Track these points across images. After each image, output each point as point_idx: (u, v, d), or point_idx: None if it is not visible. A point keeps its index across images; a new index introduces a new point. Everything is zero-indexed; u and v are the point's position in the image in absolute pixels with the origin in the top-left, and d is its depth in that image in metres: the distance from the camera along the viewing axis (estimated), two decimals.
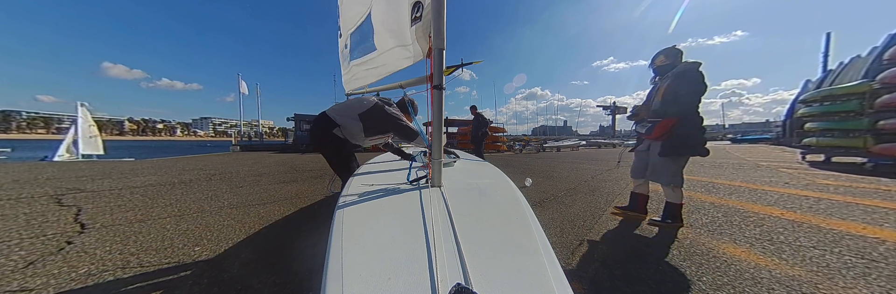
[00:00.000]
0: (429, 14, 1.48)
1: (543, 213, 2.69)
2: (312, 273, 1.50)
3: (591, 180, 4.64)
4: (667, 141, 2.14)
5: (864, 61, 7.29)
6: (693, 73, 2.03)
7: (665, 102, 2.11)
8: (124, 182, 4.34)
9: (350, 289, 0.60)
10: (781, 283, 1.40)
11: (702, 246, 1.87)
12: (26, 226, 2.28)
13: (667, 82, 2.14)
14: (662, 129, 2.12)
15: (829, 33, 17.22)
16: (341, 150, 2.13)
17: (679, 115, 2.07)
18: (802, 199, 3.13)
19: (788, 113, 17.54)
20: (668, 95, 2.09)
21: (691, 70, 2.05)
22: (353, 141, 2.11)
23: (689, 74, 2.04)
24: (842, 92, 6.31)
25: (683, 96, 2.03)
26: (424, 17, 1.52)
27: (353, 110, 2.02)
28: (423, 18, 1.53)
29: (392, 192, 1.18)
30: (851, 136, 6.00)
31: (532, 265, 0.70)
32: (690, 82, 2.01)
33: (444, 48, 1.29)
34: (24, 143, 51.05)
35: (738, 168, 5.99)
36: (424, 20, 1.53)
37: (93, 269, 1.56)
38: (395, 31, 1.81)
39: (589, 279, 1.47)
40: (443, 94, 1.31)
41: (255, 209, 2.87)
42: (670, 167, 2.16)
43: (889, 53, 5.63)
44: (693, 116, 2.07)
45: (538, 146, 16.72)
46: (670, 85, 2.10)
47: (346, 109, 2.05)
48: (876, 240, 1.94)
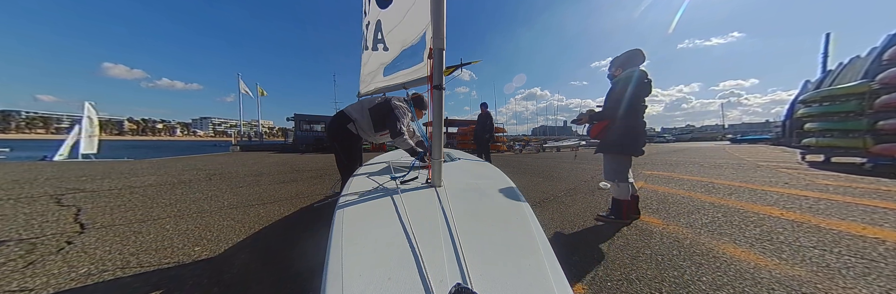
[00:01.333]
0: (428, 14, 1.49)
1: (543, 213, 2.69)
2: (312, 273, 1.49)
3: (591, 180, 4.64)
4: (602, 140, 2.36)
5: (863, 62, 7.30)
6: (626, 79, 2.19)
7: (604, 107, 2.33)
8: (124, 182, 4.34)
9: (350, 289, 0.60)
10: (781, 284, 1.40)
11: (702, 246, 1.87)
12: (26, 226, 2.27)
13: (610, 88, 2.34)
14: (596, 129, 2.36)
15: (828, 34, 17.22)
16: (351, 147, 2.25)
17: (611, 117, 2.27)
18: (802, 199, 3.13)
19: (788, 113, 17.53)
20: (607, 101, 2.32)
21: (627, 76, 2.20)
22: (365, 137, 2.25)
23: (623, 81, 2.20)
24: (841, 92, 6.31)
25: (613, 101, 2.23)
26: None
27: (365, 105, 2.18)
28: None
29: (392, 192, 1.18)
30: (851, 136, 5.99)
31: (532, 265, 0.70)
32: (623, 85, 2.18)
33: (444, 48, 1.29)
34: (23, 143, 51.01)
35: (737, 168, 5.99)
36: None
37: (93, 269, 1.56)
38: (396, 33, 1.89)
39: (589, 279, 1.47)
40: (443, 94, 1.31)
41: (255, 209, 2.86)
42: (610, 164, 2.33)
43: (888, 54, 5.63)
44: (628, 118, 2.22)
45: (538, 146, 16.71)
46: (610, 90, 2.32)
47: (360, 105, 2.21)
48: (876, 240, 1.94)
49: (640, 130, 2.25)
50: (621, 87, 2.18)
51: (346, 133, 2.18)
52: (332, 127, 2.22)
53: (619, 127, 2.24)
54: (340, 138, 2.21)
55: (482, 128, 6.39)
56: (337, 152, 2.26)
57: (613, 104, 2.22)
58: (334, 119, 2.22)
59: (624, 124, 2.23)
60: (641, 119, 2.26)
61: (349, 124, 2.16)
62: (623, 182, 2.27)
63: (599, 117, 2.34)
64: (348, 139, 2.21)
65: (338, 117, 2.20)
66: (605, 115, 2.30)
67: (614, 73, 2.38)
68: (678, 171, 5.77)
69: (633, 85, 2.14)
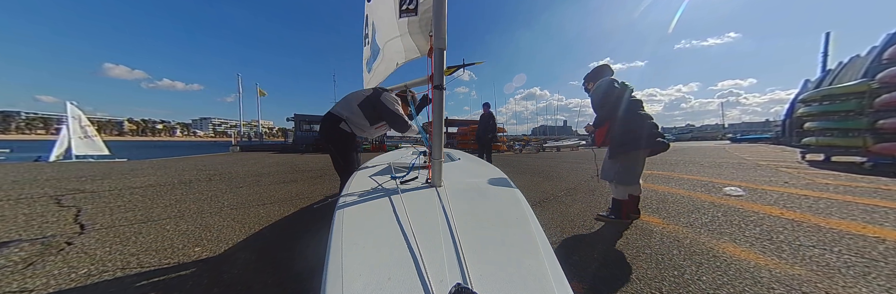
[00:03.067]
0: (427, 11, 1.48)
1: (543, 213, 2.69)
2: (312, 273, 1.50)
3: (591, 180, 4.64)
4: (610, 146, 2.39)
5: (863, 61, 7.30)
6: (598, 87, 2.32)
7: (596, 116, 2.40)
8: (124, 183, 4.33)
9: (350, 289, 0.60)
10: (781, 283, 1.40)
11: (702, 245, 1.87)
12: (26, 226, 2.27)
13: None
14: (599, 137, 2.41)
15: (828, 33, 17.25)
16: (347, 147, 2.18)
17: (603, 124, 2.34)
18: (802, 198, 3.13)
19: (788, 112, 17.54)
20: (595, 111, 2.40)
21: (599, 85, 2.32)
22: (360, 134, 2.18)
23: (596, 89, 2.33)
24: (841, 91, 6.31)
25: (598, 108, 2.32)
26: (421, 13, 1.51)
27: (352, 102, 2.10)
28: (421, 14, 1.52)
29: (392, 192, 1.18)
30: (851, 135, 6.00)
31: (532, 265, 0.70)
32: (598, 94, 2.30)
33: (445, 48, 1.28)
34: (24, 143, 50.99)
35: (737, 167, 5.99)
36: (422, 16, 1.52)
37: (93, 270, 1.56)
38: (386, 25, 1.82)
39: (589, 279, 1.47)
40: (443, 94, 1.31)
41: (255, 209, 2.86)
42: (613, 166, 2.36)
43: (888, 53, 5.63)
44: (621, 120, 2.26)
45: (538, 146, 16.72)
46: (591, 101, 2.42)
47: (346, 103, 2.13)
48: (875, 239, 1.94)
49: (638, 125, 2.25)
50: (598, 95, 2.30)
51: (340, 133, 2.10)
52: (325, 128, 2.14)
53: (616, 129, 2.26)
54: (335, 139, 2.14)
55: (484, 128, 6.40)
56: (333, 154, 2.19)
57: (600, 111, 2.33)
58: (325, 120, 2.15)
59: (620, 124, 2.25)
60: (638, 115, 2.26)
61: (341, 124, 2.08)
62: (631, 184, 2.29)
63: (597, 124, 2.39)
64: (343, 139, 2.14)
65: (328, 118, 2.12)
66: (601, 120, 2.36)
67: (588, 86, 2.55)
68: (678, 170, 5.77)
69: (605, 88, 2.26)
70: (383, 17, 1.82)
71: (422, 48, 1.78)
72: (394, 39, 1.82)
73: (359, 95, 2.12)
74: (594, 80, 2.48)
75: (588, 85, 2.56)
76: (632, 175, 2.28)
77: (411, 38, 1.73)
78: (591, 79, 2.53)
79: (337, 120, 2.08)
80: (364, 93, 2.14)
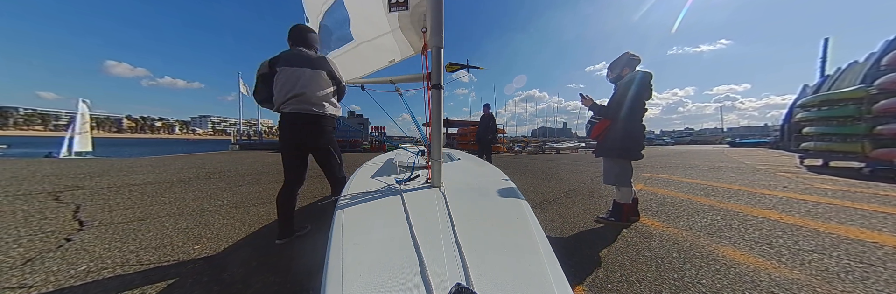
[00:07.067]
0: (419, 6, 1.44)
1: (543, 214, 2.69)
2: (312, 273, 1.49)
3: (590, 182, 4.64)
4: (601, 142, 2.36)
5: (861, 67, 7.33)
6: (633, 81, 2.14)
7: (607, 106, 2.29)
8: (123, 180, 4.33)
9: (350, 289, 0.60)
10: (780, 287, 1.40)
11: (701, 249, 1.87)
12: (24, 223, 2.27)
13: (615, 90, 2.31)
14: (598, 130, 2.34)
15: (827, 39, 17.32)
16: (322, 134, 1.88)
17: (612, 118, 2.26)
18: (801, 202, 3.14)
19: (786, 117, 17.59)
20: (611, 101, 2.28)
21: (631, 78, 2.16)
22: (322, 110, 1.83)
23: (634, 82, 2.14)
24: (839, 97, 6.33)
25: (617, 102, 2.21)
26: (413, 7, 1.47)
27: (309, 79, 1.77)
28: (412, 8, 1.47)
29: (392, 192, 1.18)
30: (849, 140, 6.01)
31: (532, 265, 0.70)
32: (630, 87, 2.15)
33: (442, 46, 1.26)
34: (21, 139, 50.78)
35: (736, 171, 6.00)
36: (413, 10, 1.47)
37: (92, 267, 1.56)
38: (373, 19, 1.71)
39: (589, 281, 1.47)
40: (441, 94, 1.29)
41: (255, 208, 2.86)
42: (612, 168, 2.33)
43: (887, 59, 5.65)
44: (628, 121, 2.21)
45: (537, 148, 16.73)
46: (615, 91, 2.29)
47: (307, 82, 1.77)
48: (874, 244, 1.94)
49: (640, 134, 2.26)
50: (626, 88, 2.15)
51: (312, 126, 1.80)
52: (296, 122, 1.81)
53: (620, 130, 2.23)
54: (308, 136, 1.86)
55: (485, 129, 6.39)
56: (329, 153, 1.99)
57: (617, 106, 2.20)
58: (285, 119, 1.82)
59: (625, 127, 2.22)
60: (641, 123, 2.26)
61: (303, 106, 1.75)
62: (625, 186, 2.29)
63: (603, 113, 2.29)
64: (315, 133, 1.85)
65: (293, 116, 1.79)
66: (608, 114, 2.27)
67: (622, 73, 2.30)
68: (677, 173, 5.77)
69: (639, 86, 2.12)
70: (368, 9, 1.70)
71: (415, 45, 1.70)
72: (385, 35, 1.74)
73: (306, 73, 1.75)
74: (619, 69, 2.31)
75: (622, 72, 2.30)
76: (628, 178, 2.30)
77: (403, 33, 1.65)
78: (619, 66, 2.30)
79: (317, 115, 1.80)
80: (302, 61, 1.76)
